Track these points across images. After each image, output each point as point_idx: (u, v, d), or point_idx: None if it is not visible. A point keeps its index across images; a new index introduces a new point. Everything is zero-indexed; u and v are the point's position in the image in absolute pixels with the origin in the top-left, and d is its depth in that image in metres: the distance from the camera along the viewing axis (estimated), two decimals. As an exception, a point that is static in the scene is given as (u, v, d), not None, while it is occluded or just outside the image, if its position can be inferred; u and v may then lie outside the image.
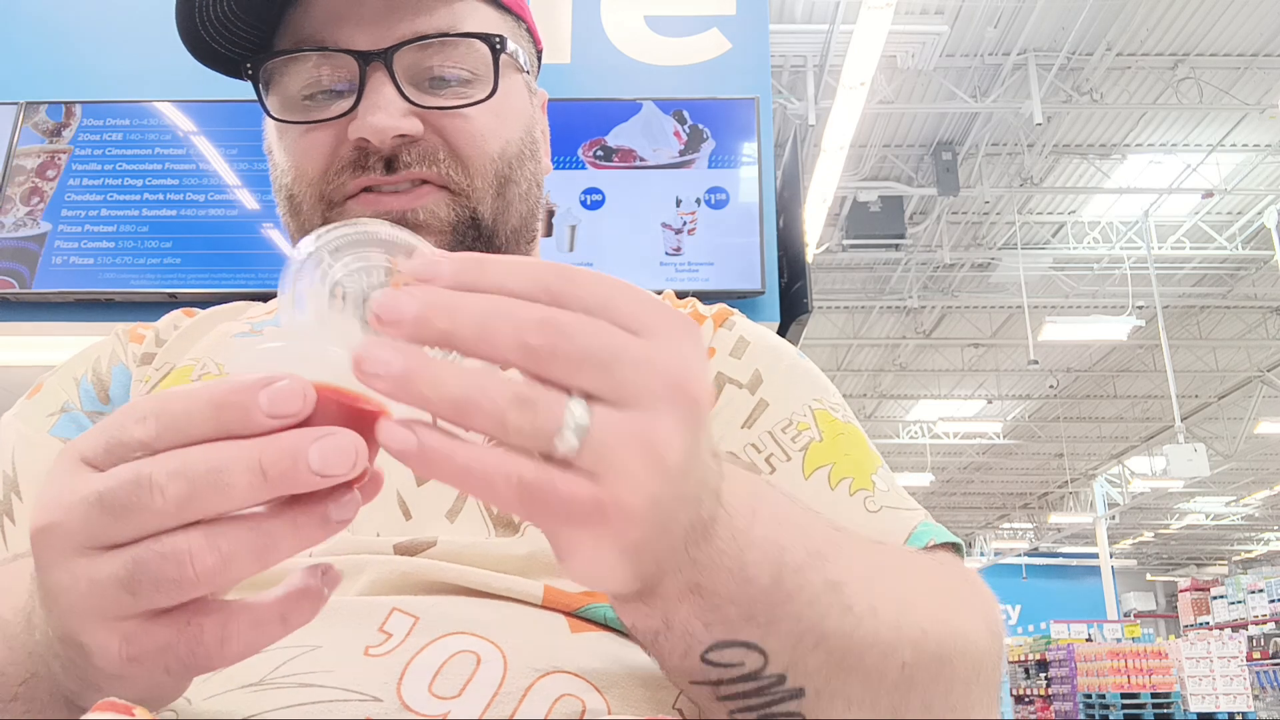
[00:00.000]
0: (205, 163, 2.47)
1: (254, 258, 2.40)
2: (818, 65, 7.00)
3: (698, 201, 2.38)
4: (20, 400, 0.62)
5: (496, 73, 0.59)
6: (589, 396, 0.28)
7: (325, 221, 0.58)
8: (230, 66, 0.61)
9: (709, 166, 2.41)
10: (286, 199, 0.61)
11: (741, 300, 2.33)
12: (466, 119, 0.58)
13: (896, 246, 8.94)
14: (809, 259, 2.44)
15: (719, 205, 2.38)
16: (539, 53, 0.70)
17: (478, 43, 0.59)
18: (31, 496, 0.55)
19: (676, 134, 2.43)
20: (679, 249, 2.35)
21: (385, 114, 0.55)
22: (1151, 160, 8.39)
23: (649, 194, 2.39)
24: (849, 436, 0.59)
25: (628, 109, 2.45)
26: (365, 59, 0.56)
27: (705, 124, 2.44)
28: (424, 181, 0.57)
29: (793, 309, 2.37)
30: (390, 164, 0.56)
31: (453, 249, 0.56)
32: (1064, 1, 6.53)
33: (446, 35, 0.58)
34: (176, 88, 2.58)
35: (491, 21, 0.61)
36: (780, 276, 2.42)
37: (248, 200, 2.44)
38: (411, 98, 0.57)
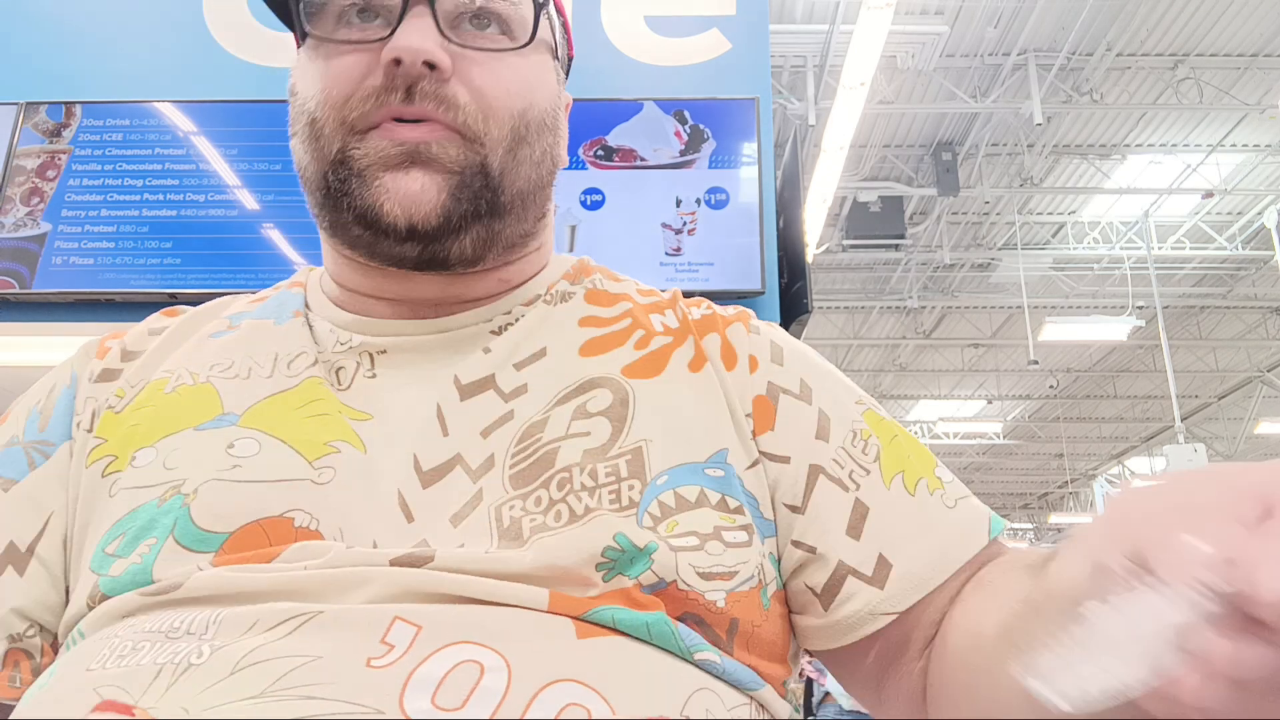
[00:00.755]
0: (205, 163, 2.47)
1: (254, 258, 2.40)
2: (818, 65, 7.00)
3: (698, 201, 2.38)
4: None
5: (536, 25, 0.59)
6: None
7: (343, 150, 0.56)
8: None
9: (709, 167, 2.41)
10: (307, 125, 0.57)
11: (741, 300, 2.33)
12: (495, 69, 0.57)
13: (896, 247, 8.94)
14: (809, 259, 2.44)
15: (719, 205, 2.38)
16: (570, 60, 0.69)
17: None
18: None
19: (677, 134, 2.44)
20: (679, 249, 2.35)
21: (420, 36, 0.54)
22: (1151, 160, 8.39)
23: (649, 194, 2.39)
24: (901, 437, 0.60)
25: (629, 109, 2.45)
26: None
27: (706, 124, 2.44)
28: (440, 125, 0.56)
29: (793, 309, 2.37)
30: (410, 92, 0.55)
31: (457, 191, 0.55)
32: (1064, 1, 6.53)
33: None
34: (176, 88, 2.58)
35: None
36: (780, 276, 2.42)
37: (248, 200, 2.44)
38: (449, 36, 0.56)
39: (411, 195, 0.54)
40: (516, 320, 0.60)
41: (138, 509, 0.50)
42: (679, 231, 2.36)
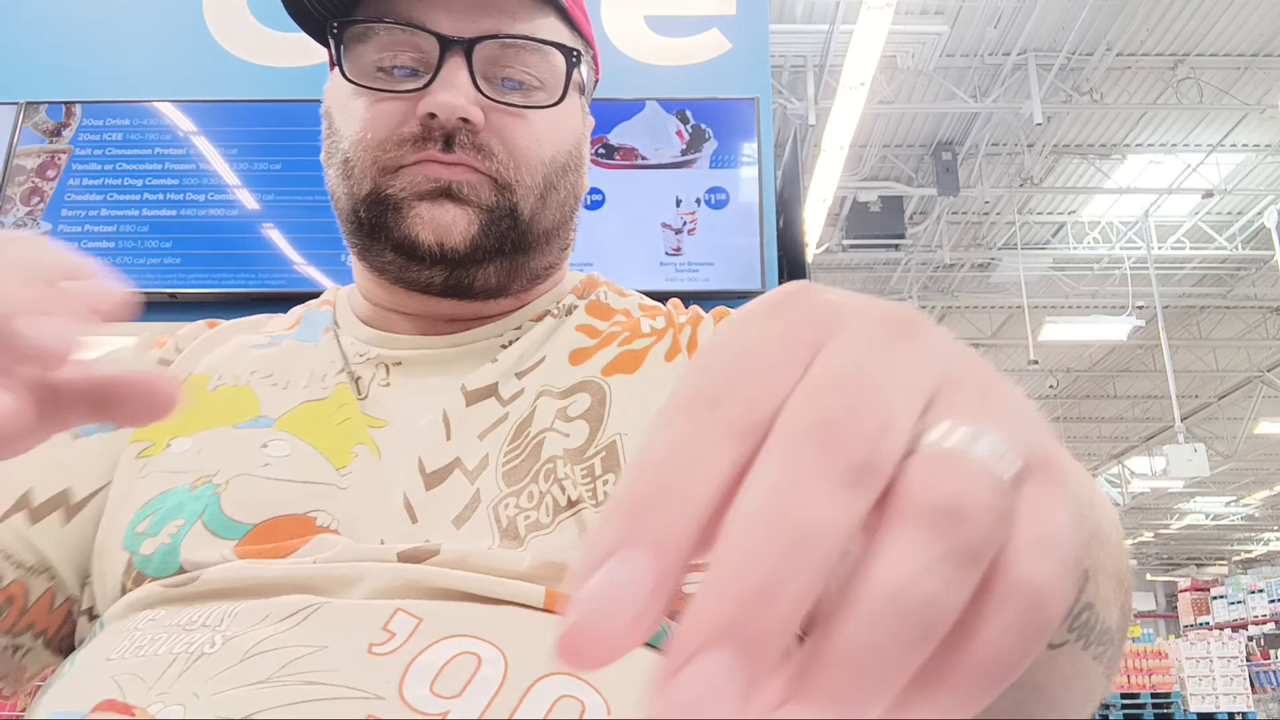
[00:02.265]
0: (205, 163, 2.47)
1: (254, 258, 2.40)
2: (818, 65, 7.00)
3: (698, 201, 2.38)
4: None
5: (567, 84, 0.62)
6: None
7: (375, 188, 0.59)
8: (316, 27, 0.63)
9: (710, 166, 2.41)
10: (341, 163, 0.62)
11: (741, 301, 2.34)
12: (527, 122, 0.61)
13: (896, 246, 8.93)
14: (809, 259, 2.45)
15: (719, 205, 2.38)
16: (595, 81, 0.72)
17: (555, 53, 0.62)
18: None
19: (679, 133, 2.44)
20: (679, 249, 2.35)
21: (455, 93, 0.58)
22: (1151, 160, 8.39)
23: (649, 194, 2.39)
24: None
25: (631, 108, 2.45)
26: (447, 43, 0.58)
27: (707, 124, 2.44)
28: (474, 170, 0.59)
29: (793, 309, 2.37)
30: (448, 143, 0.59)
31: (485, 229, 0.59)
32: (1064, 1, 6.53)
33: (530, 39, 0.60)
34: (176, 88, 2.58)
35: (567, 39, 0.64)
36: (780, 276, 2.42)
37: (248, 200, 2.44)
38: (483, 89, 0.59)
39: (444, 224, 0.58)
40: (525, 334, 0.64)
41: (167, 492, 0.53)
42: (679, 231, 2.36)
